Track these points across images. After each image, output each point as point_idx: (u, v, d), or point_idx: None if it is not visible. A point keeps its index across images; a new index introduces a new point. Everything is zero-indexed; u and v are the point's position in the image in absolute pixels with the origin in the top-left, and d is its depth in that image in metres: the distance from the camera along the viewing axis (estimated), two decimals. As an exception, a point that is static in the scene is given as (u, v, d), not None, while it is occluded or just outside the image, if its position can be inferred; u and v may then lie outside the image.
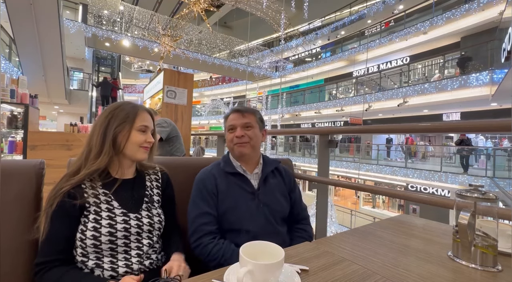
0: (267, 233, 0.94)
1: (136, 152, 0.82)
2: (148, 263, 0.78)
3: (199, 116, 20.90)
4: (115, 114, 0.80)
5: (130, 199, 0.80)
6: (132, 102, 0.86)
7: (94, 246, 0.71)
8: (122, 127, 0.79)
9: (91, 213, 0.73)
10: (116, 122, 0.79)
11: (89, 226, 0.71)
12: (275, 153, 16.16)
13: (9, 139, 2.61)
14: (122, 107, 0.82)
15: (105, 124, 0.79)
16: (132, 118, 0.81)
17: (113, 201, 0.77)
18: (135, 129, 0.81)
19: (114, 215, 0.75)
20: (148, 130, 0.84)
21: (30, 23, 5.92)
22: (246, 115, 1.02)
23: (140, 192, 0.84)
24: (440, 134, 13.96)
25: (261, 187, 1.00)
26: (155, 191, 0.88)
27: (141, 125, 0.82)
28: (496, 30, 8.90)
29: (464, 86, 9.16)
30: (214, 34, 14.51)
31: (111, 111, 0.81)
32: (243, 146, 1.00)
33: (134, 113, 0.82)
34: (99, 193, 0.76)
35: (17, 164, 0.80)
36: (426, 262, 0.66)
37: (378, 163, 11.64)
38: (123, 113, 0.81)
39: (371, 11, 13.65)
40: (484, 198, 0.64)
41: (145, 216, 0.80)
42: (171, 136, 2.80)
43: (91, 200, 0.74)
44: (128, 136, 0.80)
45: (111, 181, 0.79)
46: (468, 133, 9.37)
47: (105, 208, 0.75)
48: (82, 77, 12.38)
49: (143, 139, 0.82)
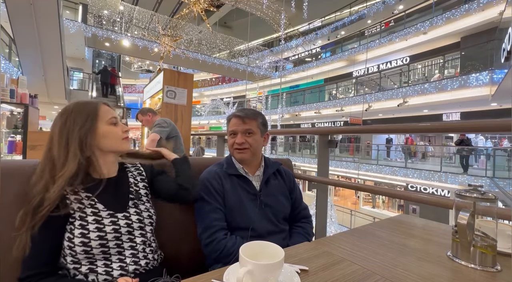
0: (270, 232, 0.97)
1: (120, 145, 0.80)
2: (144, 263, 0.77)
3: (199, 116, 20.90)
4: (73, 119, 0.74)
5: (115, 199, 0.78)
6: (85, 100, 0.81)
7: (85, 252, 0.69)
8: (87, 128, 0.74)
9: (77, 219, 0.70)
10: (78, 127, 0.74)
11: (76, 233, 0.68)
12: (275, 153, 16.17)
13: (8, 139, 2.61)
14: (76, 109, 0.76)
15: (65, 135, 0.73)
16: (94, 116, 0.76)
17: (97, 203, 0.74)
18: (105, 124, 0.78)
19: (100, 218, 0.72)
20: (118, 121, 0.81)
21: (30, 23, 5.91)
22: (247, 122, 1.02)
23: (124, 189, 0.82)
24: (440, 134, 13.96)
25: (263, 189, 1.02)
26: (141, 184, 0.86)
27: (110, 117, 0.79)
28: (496, 30, 8.90)
29: (464, 86, 9.16)
30: (214, 34, 14.52)
31: (66, 118, 0.75)
32: (243, 152, 1.02)
33: (94, 110, 0.77)
34: (82, 197, 0.72)
35: (17, 164, 0.80)
36: (425, 262, 0.66)
37: (378, 163, 11.64)
38: (81, 115, 0.75)
39: (371, 11, 13.66)
40: (483, 198, 0.64)
41: (133, 213, 0.78)
42: (171, 136, 2.80)
43: (75, 206, 0.71)
44: (99, 134, 0.76)
45: (94, 183, 0.75)
46: (468, 134, 9.38)
47: (90, 212, 0.72)
48: (82, 77, 12.39)
49: (119, 131, 0.80)
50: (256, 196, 1.00)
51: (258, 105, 17.56)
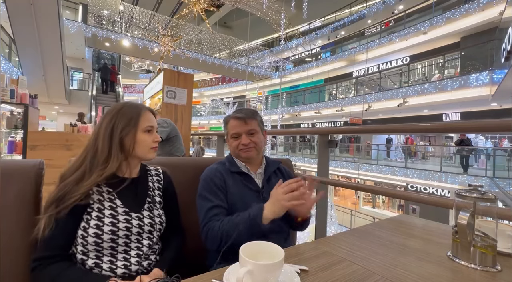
0: (272, 230, 0.94)
1: (147, 153, 0.83)
2: (147, 264, 0.78)
3: (199, 116, 20.91)
4: (118, 118, 0.79)
5: (133, 198, 0.80)
6: (133, 103, 0.86)
7: (95, 244, 0.71)
8: (127, 131, 0.79)
9: (94, 210, 0.73)
10: (121, 126, 0.78)
11: (92, 224, 0.71)
12: (275, 153, 16.17)
13: (8, 139, 2.61)
14: (123, 109, 0.81)
15: (109, 129, 0.78)
16: (136, 121, 0.81)
17: (116, 199, 0.77)
18: (141, 131, 0.81)
19: (116, 214, 0.75)
20: (153, 130, 0.85)
21: (30, 23, 5.92)
22: (249, 122, 1.03)
23: (143, 191, 0.84)
24: (440, 135, 13.96)
25: (265, 186, 1.02)
26: (157, 192, 0.88)
27: (147, 126, 0.82)
28: (496, 30, 8.90)
29: (464, 86, 9.16)
30: (214, 34, 14.52)
31: (113, 115, 0.80)
32: (250, 150, 1.02)
33: (137, 114, 0.82)
34: (103, 190, 0.76)
35: (16, 164, 0.80)
36: (425, 262, 0.66)
37: (378, 163, 11.64)
38: (126, 116, 0.80)
39: (371, 11, 13.66)
40: (483, 198, 0.64)
41: (146, 216, 0.79)
42: (171, 137, 2.80)
43: (95, 197, 0.74)
44: (135, 139, 0.80)
45: (117, 180, 0.79)
46: (468, 134, 9.38)
47: (108, 206, 0.75)
48: (82, 77, 12.40)
49: (151, 140, 0.83)
50: (259, 193, 1.00)
51: (258, 105, 17.56)
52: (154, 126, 0.85)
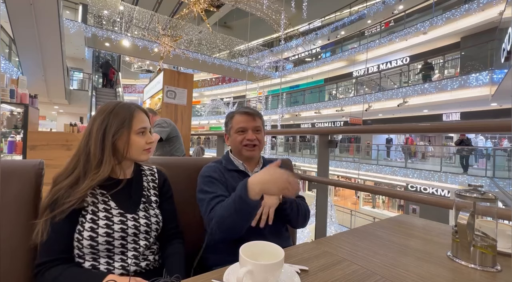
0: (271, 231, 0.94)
1: (140, 155, 0.81)
2: (145, 264, 0.77)
3: (199, 117, 20.90)
4: (111, 119, 0.77)
5: (127, 199, 0.79)
6: (125, 103, 0.83)
7: (90, 247, 0.70)
8: (120, 133, 0.77)
9: (89, 212, 0.72)
10: (113, 129, 0.76)
11: (86, 226, 0.70)
12: (275, 153, 16.16)
13: (8, 140, 2.61)
14: (116, 110, 0.78)
15: (101, 131, 0.76)
16: (129, 122, 0.78)
17: (110, 201, 0.76)
18: (134, 134, 0.79)
19: (111, 215, 0.74)
20: (146, 131, 0.83)
21: (30, 23, 5.92)
22: (257, 119, 1.05)
23: (138, 192, 0.83)
24: (440, 135, 13.96)
25: None
26: (152, 191, 0.87)
27: (140, 128, 0.80)
28: (496, 30, 8.90)
29: (464, 86, 9.16)
30: (214, 34, 14.52)
31: (105, 116, 0.77)
32: (253, 150, 1.03)
33: (130, 116, 0.79)
34: (96, 192, 0.75)
35: (16, 164, 0.79)
36: (425, 262, 0.66)
37: (378, 163, 11.64)
38: (119, 118, 0.77)
39: (371, 11, 13.66)
40: (483, 198, 0.64)
41: (142, 216, 0.79)
42: (171, 137, 2.80)
43: (89, 199, 0.73)
44: (128, 142, 0.78)
45: (110, 182, 0.77)
46: (468, 134, 9.38)
47: (102, 208, 0.74)
48: (82, 77, 12.40)
49: (144, 142, 0.81)
50: None
51: (258, 105, 17.56)
52: (147, 128, 0.83)
